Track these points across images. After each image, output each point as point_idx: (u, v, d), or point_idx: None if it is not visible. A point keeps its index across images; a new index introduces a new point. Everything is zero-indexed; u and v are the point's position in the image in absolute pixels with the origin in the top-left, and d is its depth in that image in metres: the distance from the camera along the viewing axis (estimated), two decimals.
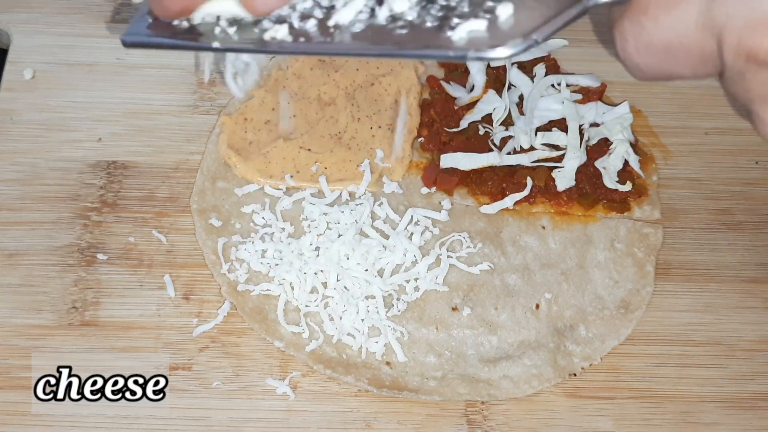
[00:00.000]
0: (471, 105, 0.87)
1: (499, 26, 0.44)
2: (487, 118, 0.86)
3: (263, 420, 0.72)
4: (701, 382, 0.76)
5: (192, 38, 0.49)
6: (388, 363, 0.75)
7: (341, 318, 0.76)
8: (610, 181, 0.83)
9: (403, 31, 0.46)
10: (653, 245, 0.82)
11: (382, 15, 0.47)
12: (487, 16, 0.45)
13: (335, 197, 0.82)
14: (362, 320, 0.76)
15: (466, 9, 0.46)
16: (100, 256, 0.79)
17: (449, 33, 0.45)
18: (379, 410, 0.73)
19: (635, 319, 0.78)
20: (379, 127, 0.86)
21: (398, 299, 0.77)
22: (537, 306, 0.78)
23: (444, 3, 0.46)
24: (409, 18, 0.46)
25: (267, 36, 0.47)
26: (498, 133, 0.85)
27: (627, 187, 0.83)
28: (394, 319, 0.76)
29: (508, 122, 0.85)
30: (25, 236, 0.79)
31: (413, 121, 0.87)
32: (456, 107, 0.87)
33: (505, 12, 0.45)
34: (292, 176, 0.83)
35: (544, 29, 0.44)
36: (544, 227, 0.83)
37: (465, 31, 0.44)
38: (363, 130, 0.86)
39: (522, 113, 0.86)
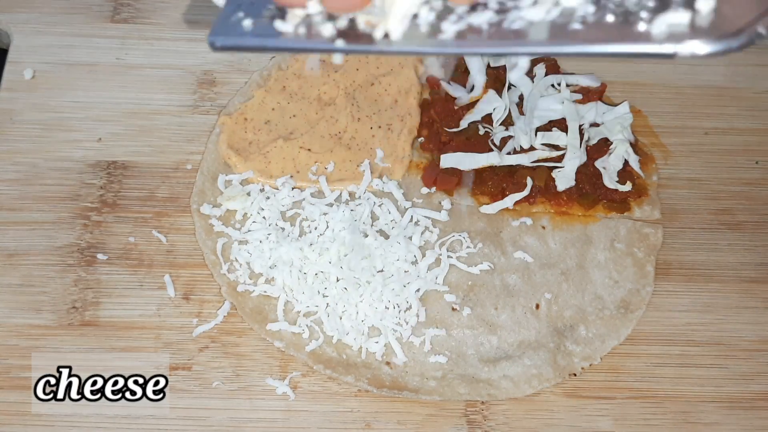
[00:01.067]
0: (471, 105, 0.87)
1: (700, 20, 0.39)
2: (487, 118, 0.86)
3: (263, 420, 0.72)
4: (701, 382, 0.76)
5: (303, 37, 0.40)
6: (388, 363, 0.75)
7: (341, 318, 0.76)
8: (610, 181, 0.83)
9: (578, 26, 0.40)
10: (653, 245, 0.82)
11: (553, 12, 0.41)
12: (680, 9, 0.39)
13: (335, 197, 0.82)
14: (362, 321, 0.76)
15: (651, 3, 0.40)
16: (100, 256, 0.79)
17: (642, 27, 0.39)
18: (379, 410, 0.73)
19: (635, 319, 0.78)
20: (379, 127, 0.86)
21: (398, 299, 0.77)
22: (537, 306, 0.78)
23: None
24: (581, 13, 0.41)
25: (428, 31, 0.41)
26: (498, 133, 0.85)
27: (627, 187, 0.83)
28: (395, 319, 0.76)
29: (508, 122, 0.85)
30: (25, 236, 0.79)
31: (413, 121, 0.87)
32: (456, 107, 0.87)
33: (706, 5, 0.39)
34: (292, 176, 0.83)
35: (765, 22, 0.38)
36: (544, 227, 0.83)
37: (665, 23, 0.39)
38: (363, 130, 0.86)
39: (522, 113, 0.86)
